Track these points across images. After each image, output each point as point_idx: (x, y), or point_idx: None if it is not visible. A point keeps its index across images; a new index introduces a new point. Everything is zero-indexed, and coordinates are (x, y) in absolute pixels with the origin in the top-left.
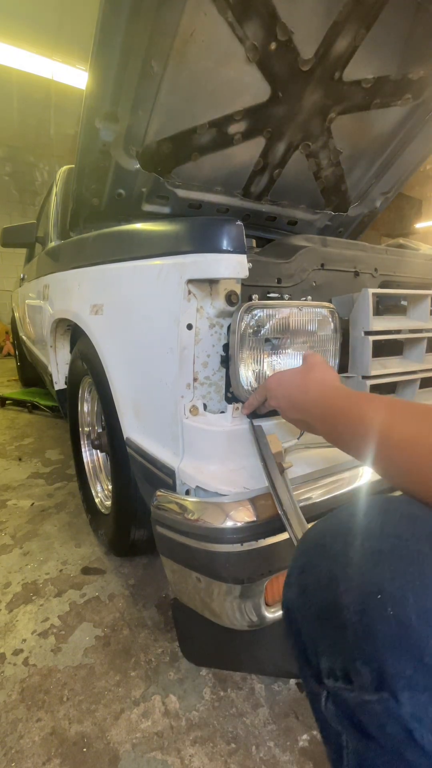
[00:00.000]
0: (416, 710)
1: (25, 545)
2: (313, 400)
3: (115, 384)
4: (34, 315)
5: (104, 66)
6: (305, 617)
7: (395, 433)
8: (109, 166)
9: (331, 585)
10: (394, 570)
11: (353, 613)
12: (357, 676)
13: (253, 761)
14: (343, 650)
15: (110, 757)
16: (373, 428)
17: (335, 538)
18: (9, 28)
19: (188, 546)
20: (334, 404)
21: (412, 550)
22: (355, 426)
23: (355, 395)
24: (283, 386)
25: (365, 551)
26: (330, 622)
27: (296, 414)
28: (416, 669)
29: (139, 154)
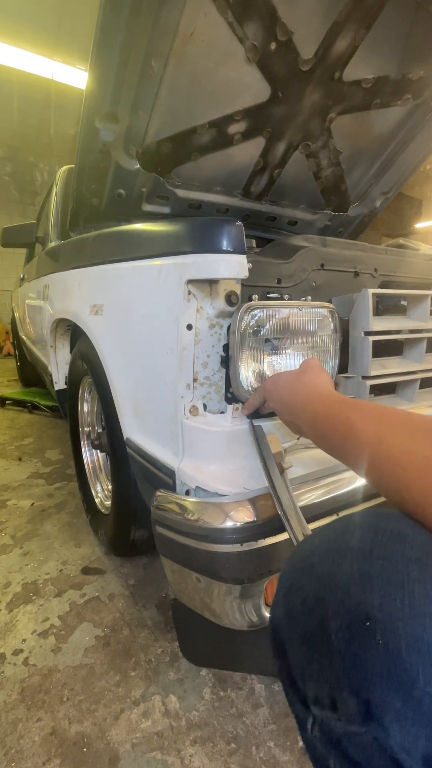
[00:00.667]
0: (406, 742)
1: (25, 545)
2: (302, 404)
3: (115, 384)
4: (34, 315)
5: (104, 66)
6: (291, 640)
7: (384, 445)
8: (109, 166)
9: (318, 608)
10: (382, 595)
11: (341, 640)
12: (344, 706)
13: (253, 761)
14: (329, 678)
15: (110, 757)
16: (361, 438)
17: (323, 557)
18: (9, 28)
19: (188, 546)
20: (321, 410)
21: (401, 573)
22: (344, 434)
23: (344, 402)
24: (278, 388)
25: (353, 573)
26: (317, 647)
27: (288, 417)
28: (405, 701)
29: (139, 154)
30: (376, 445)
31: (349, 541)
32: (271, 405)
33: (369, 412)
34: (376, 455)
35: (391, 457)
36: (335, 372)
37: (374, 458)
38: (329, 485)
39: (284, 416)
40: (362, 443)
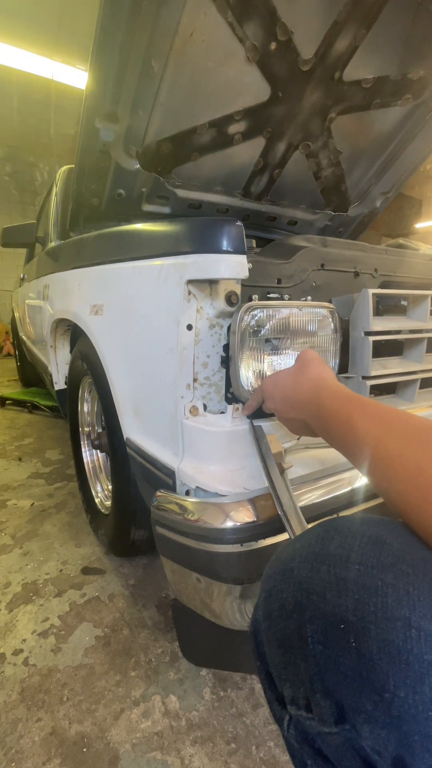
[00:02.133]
0: (377, 744)
1: (25, 545)
2: (308, 400)
3: (115, 384)
4: (34, 315)
5: (104, 66)
6: (270, 643)
7: (381, 447)
8: (109, 166)
9: (295, 613)
10: (357, 600)
11: (316, 643)
12: (318, 707)
13: (253, 761)
14: (305, 680)
15: (110, 757)
16: (359, 438)
17: (302, 562)
18: (9, 28)
19: (188, 546)
20: (326, 404)
21: (376, 578)
22: (345, 432)
23: (347, 398)
24: (279, 388)
25: (330, 579)
26: (294, 650)
27: (294, 414)
28: (376, 704)
29: (139, 154)
30: (374, 446)
31: (328, 546)
32: (270, 405)
33: (370, 412)
34: (374, 456)
35: (386, 460)
36: (335, 372)
37: (371, 459)
38: (329, 485)
39: (287, 414)
40: (361, 443)
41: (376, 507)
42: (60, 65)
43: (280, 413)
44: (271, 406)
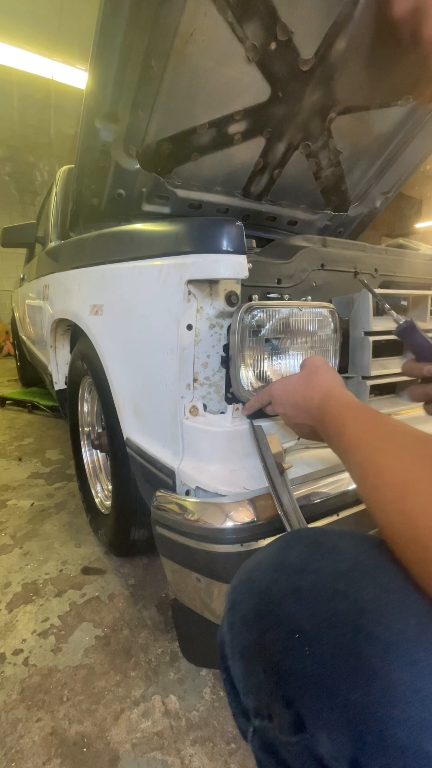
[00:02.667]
0: (333, 749)
1: (25, 545)
2: (317, 406)
3: (115, 384)
4: (34, 315)
5: (104, 66)
6: (233, 654)
7: (371, 458)
8: (109, 166)
9: (256, 623)
10: (311, 608)
11: (275, 652)
12: (278, 717)
13: (253, 761)
14: (266, 691)
15: (110, 757)
16: (350, 445)
17: (263, 573)
18: (9, 28)
19: (188, 546)
20: (329, 411)
21: (329, 587)
22: (339, 436)
23: (349, 405)
24: (289, 393)
25: (288, 588)
26: (255, 660)
27: (302, 419)
28: (332, 709)
29: (139, 154)
30: (363, 455)
31: (288, 557)
32: (278, 410)
33: (367, 419)
34: (363, 464)
35: (374, 470)
36: None
37: (360, 467)
38: (329, 485)
39: (295, 419)
40: (353, 449)
41: None
42: (60, 65)
43: (289, 418)
44: (279, 411)
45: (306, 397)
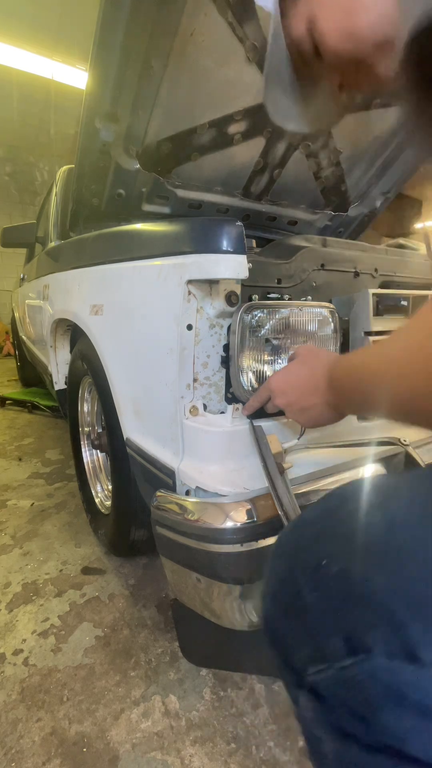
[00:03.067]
0: (388, 649)
1: (25, 545)
2: (326, 376)
3: (115, 384)
4: (34, 315)
5: (104, 66)
6: (278, 619)
7: (420, 355)
8: (109, 166)
9: (289, 577)
10: (331, 537)
11: (310, 590)
12: (330, 649)
13: (253, 761)
14: (312, 632)
15: (110, 757)
16: (382, 371)
17: (288, 537)
18: (9, 28)
19: (188, 546)
20: (342, 369)
21: (342, 515)
22: (364, 382)
23: (358, 353)
24: (290, 379)
25: (310, 536)
26: (296, 610)
27: (311, 399)
28: (379, 616)
29: (139, 154)
30: (401, 361)
31: (307, 516)
32: (281, 401)
33: (380, 346)
34: (404, 370)
35: (425, 360)
36: None
37: (401, 376)
38: (329, 485)
39: (301, 403)
40: (383, 373)
41: None
42: (60, 65)
43: (294, 405)
44: (282, 402)
45: (311, 375)
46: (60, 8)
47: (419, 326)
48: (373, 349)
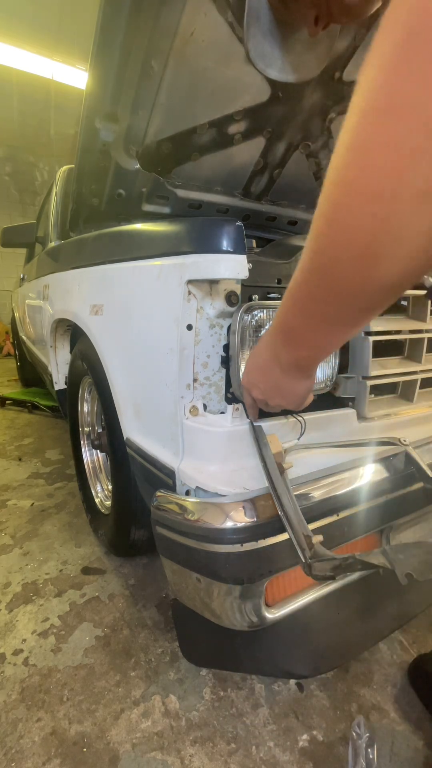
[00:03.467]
0: None
1: (25, 545)
2: (272, 350)
3: (115, 384)
4: (34, 315)
5: (104, 66)
6: None
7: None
8: (109, 166)
9: None
10: None
11: None
12: None
13: (253, 761)
14: None
15: (110, 757)
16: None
17: None
18: (9, 28)
19: (188, 546)
20: (274, 330)
21: None
22: (290, 309)
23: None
24: (252, 374)
25: None
26: None
27: (276, 373)
28: None
29: (139, 154)
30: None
31: None
32: (256, 395)
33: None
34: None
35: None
36: (335, 372)
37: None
38: (329, 485)
39: (269, 386)
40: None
41: (376, 507)
42: (60, 65)
43: (268, 391)
44: (258, 394)
45: (259, 354)
46: (60, 8)
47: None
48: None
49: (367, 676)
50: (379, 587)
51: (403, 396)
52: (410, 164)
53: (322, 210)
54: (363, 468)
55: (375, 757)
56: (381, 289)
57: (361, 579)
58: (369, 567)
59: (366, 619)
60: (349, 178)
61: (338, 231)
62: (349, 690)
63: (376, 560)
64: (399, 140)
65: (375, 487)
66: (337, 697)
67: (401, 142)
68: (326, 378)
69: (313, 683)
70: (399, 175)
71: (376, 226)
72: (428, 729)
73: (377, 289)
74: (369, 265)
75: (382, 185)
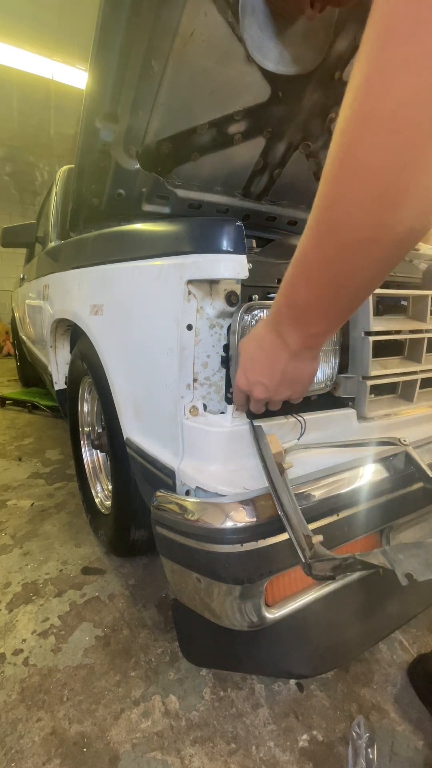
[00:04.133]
0: None
1: (25, 545)
2: (277, 332)
3: (115, 384)
4: (34, 315)
5: (104, 66)
6: None
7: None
8: (109, 166)
9: None
10: None
11: None
12: None
13: (253, 761)
14: None
15: (110, 757)
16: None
17: None
18: (9, 28)
19: (188, 546)
20: (278, 310)
21: None
22: (297, 281)
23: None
24: (252, 370)
25: None
26: None
27: (282, 360)
28: None
29: (139, 154)
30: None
31: None
32: (259, 394)
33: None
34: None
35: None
36: (335, 372)
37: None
38: (329, 485)
39: (277, 378)
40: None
41: (376, 507)
42: (60, 65)
43: (273, 386)
44: (262, 392)
45: (260, 345)
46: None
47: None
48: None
49: (367, 676)
50: (379, 587)
51: (403, 396)
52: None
53: (335, 154)
54: (363, 468)
55: (375, 757)
56: (397, 238)
57: (361, 579)
58: (369, 567)
59: (366, 619)
60: (366, 109)
61: (354, 173)
62: (349, 690)
63: (376, 560)
64: (421, 59)
65: (375, 487)
66: (337, 697)
67: (423, 61)
68: (326, 378)
69: (313, 683)
70: (421, 98)
71: (395, 161)
72: (428, 729)
73: (394, 237)
74: (386, 208)
75: (403, 111)
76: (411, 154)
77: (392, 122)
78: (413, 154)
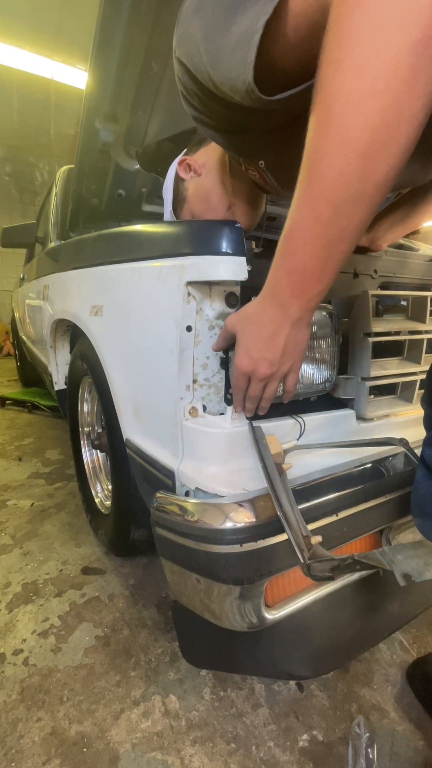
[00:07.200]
0: None
1: (25, 545)
2: (277, 303)
3: (115, 385)
4: (34, 315)
5: (104, 66)
6: None
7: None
8: (109, 167)
9: None
10: None
11: None
12: None
13: (253, 761)
14: None
15: (110, 757)
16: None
17: None
18: (9, 28)
19: (188, 547)
20: (278, 280)
21: None
22: (299, 243)
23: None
24: (255, 348)
25: None
26: None
27: (284, 332)
28: None
29: (139, 154)
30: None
31: None
32: (264, 371)
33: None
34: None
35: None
36: (335, 373)
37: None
38: (329, 486)
39: (280, 353)
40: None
41: (377, 507)
42: (60, 65)
43: (277, 361)
44: (265, 369)
45: (258, 322)
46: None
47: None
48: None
49: (367, 676)
50: (378, 588)
51: (403, 397)
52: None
53: (318, 117)
54: (363, 468)
55: (375, 757)
56: (379, 183)
57: (361, 579)
58: (368, 568)
59: (366, 619)
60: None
61: (341, 140)
62: (349, 690)
63: (374, 561)
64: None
65: (375, 488)
66: (337, 697)
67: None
68: (326, 379)
69: (313, 683)
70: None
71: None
72: (428, 729)
73: (375, 184)
74: (369, 161)
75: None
76: (392, 103)
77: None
78: (392, 102)
